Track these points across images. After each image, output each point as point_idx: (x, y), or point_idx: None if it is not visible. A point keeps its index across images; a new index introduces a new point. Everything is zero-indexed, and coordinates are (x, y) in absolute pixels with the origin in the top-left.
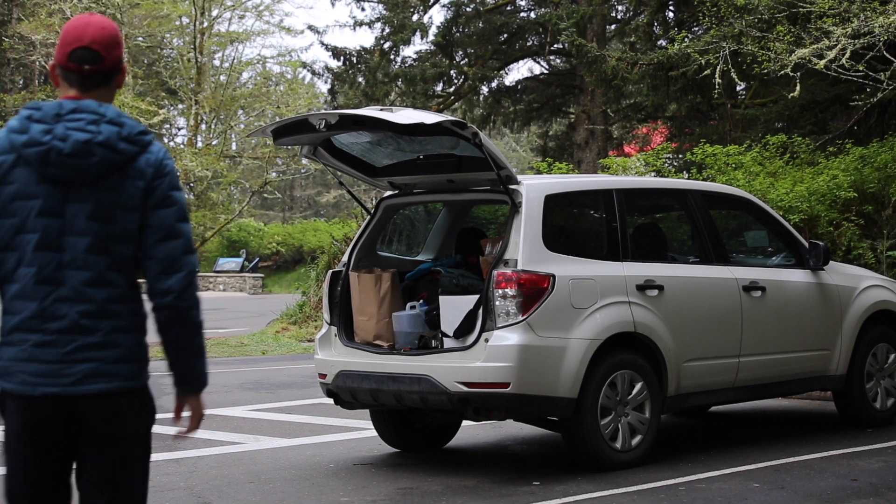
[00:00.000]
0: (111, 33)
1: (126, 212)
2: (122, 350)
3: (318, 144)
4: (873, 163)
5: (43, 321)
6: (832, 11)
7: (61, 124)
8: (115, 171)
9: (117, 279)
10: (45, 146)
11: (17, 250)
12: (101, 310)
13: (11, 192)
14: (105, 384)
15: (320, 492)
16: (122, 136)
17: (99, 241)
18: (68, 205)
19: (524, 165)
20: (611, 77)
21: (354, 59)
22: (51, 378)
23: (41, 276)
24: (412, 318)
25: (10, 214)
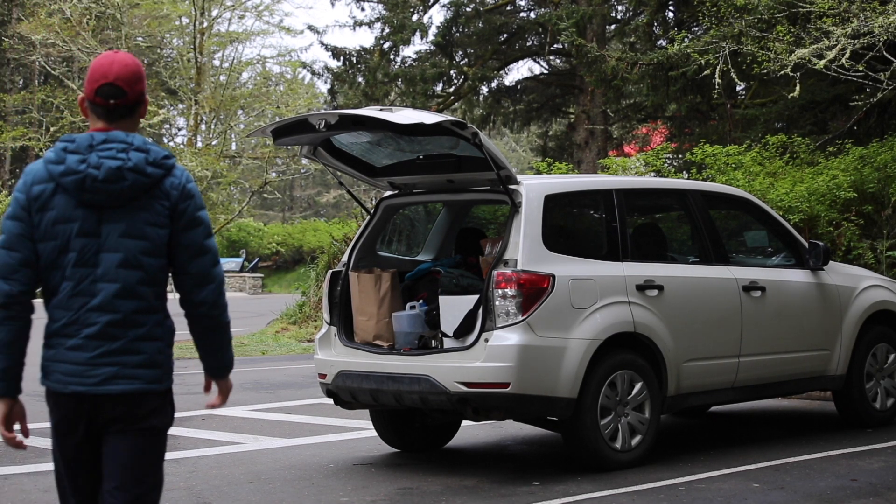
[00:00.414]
0: (134, 70)
1: (155, 229)
2: (145, 356)
3: (318, 144)
4: (873, 163)
5: (77, 328)
6: (832, 11)
7: (94, 154)
8: (144, 193)
9: (146, 292)
10: (80, 174)
11: (60, 268)
12: (126, 320)
13: (53, 217)
14: (126, 385)
15: (320, 492)
16: (149, 161)
17: (131, 257)
18: (103, 225)
19: (524, 165)
20: (611, 77)
21: (354, 59)
22: (78, 378)
23: (77, 289)
24: (412, 318)
25: (53, 237)
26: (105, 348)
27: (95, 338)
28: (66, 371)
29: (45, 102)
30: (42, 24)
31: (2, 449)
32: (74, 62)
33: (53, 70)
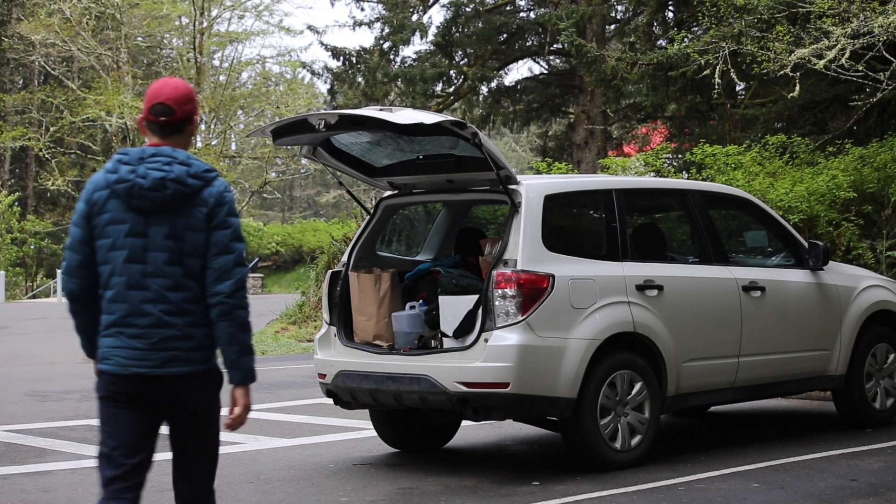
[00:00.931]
0: (183, 92)
1: (195, 232)
2: (196, 341)
3: (318, 144)
4: (873, 163)
5: (135, 318)
6: (832, 11)
7: (143, 165)
8: (185, 201)
9: (191, 285)
10: (129, 182)
11: (111, 263)
12: (178, 309)
13: (106, 220)
14: (182, 367)
15: (320, 492)
16: (190, 173)
17: (174, 256)
18: (149, 227)
19: (524, 165)
20: (610, 77)
21: (354, 59)
22: (140, 361)
23: (131, 283)
24: (412, 318)
25: (106, 236)
26: (163, 334)
27: (154, 326)
28: (128, 356)
29: (45, 102)
30: (42, 23)
31: (2, 449)
32: (74, 62)
33: (53, 70)
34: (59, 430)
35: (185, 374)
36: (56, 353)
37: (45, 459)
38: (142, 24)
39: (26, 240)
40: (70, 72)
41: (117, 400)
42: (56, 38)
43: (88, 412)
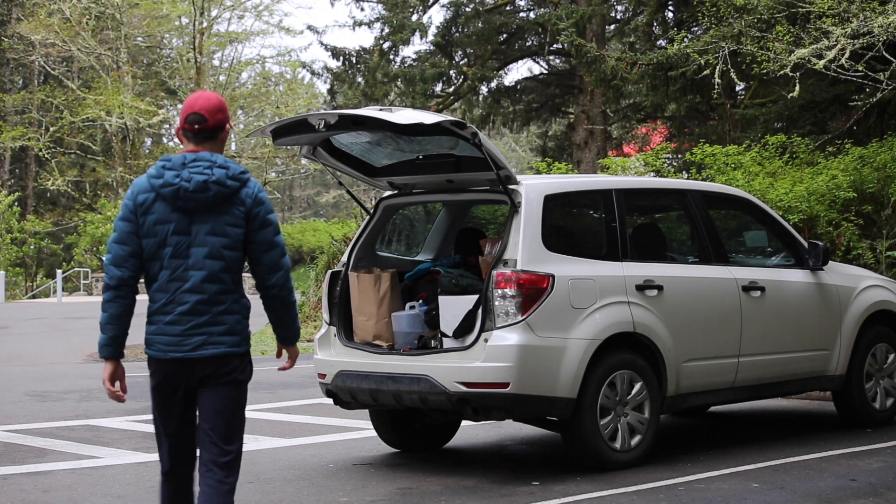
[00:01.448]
0: (215, 103)
1: (233, 228)
2: (226, 326)
3: (318, 144)
4: (872, 163)
5: (173, 306)
6: (831, 11)
7: (186, 170)
8: (225, 201)
9: (226, 278)
10: (175, 186)
11: (159, 259)
12: (211, 299)
13: (153, 220)
14: (213, 350)
15: (319, 492)
16: (229, 175)
17: (214, 250)
18: (193, 225)
19: (523, 165)
20: (610, 77)
21: (354, 59)
22: (176, 346)
23: (173, 276)
24: (411, 318)
25: (153, 235)
26: (195, 321)
27: (187, 314)
28: (165, 342)
29: (45, 102)
30: (41, 23)
31: (2, 449)
32: (74, 62)
33: (53, 70)
34: (59, 430)
35: (215, 357)
36: (56, 353)
37: (45, 459)
38: (142, 23)
39: (26, 240)
40: (70, 72)
41: (159, 385)
42: (56, 38)
43: (88, 412)
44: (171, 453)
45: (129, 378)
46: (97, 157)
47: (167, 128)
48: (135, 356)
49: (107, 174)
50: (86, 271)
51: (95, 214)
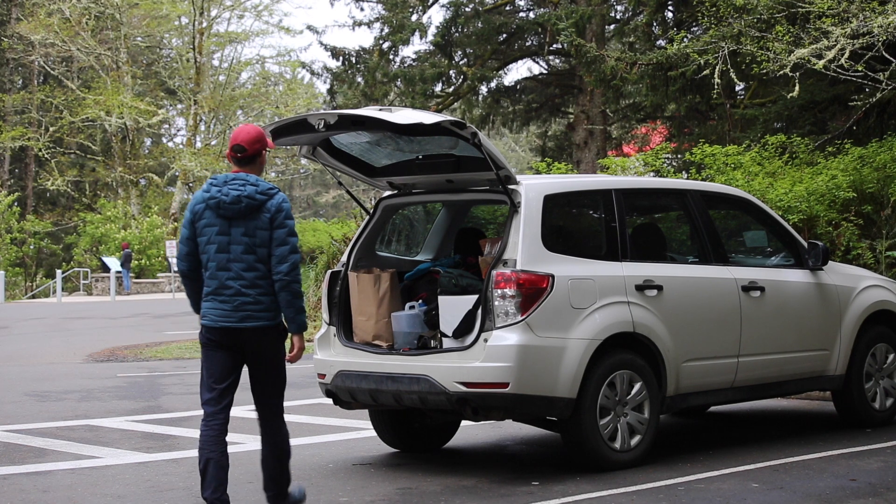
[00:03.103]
0: (254, 135)
1: (262, 230)
2: (263, 305)
3: (317, 144)
4: (872, 163)
5: (222, 290)
6: (831, 11)
7: (227, 187)
8: (255, 210)
9: (260, 267)
10: (217, 199)
11: (207, 254)
12: (251, 284)
13: (204, 224)
14: (254, 323)
15: (319, 492)
16: (258, 191)
17: (248, 247)
18: (232, 228)
19: (523, 165)
20: (610, 77)
21: (353, 59)
22: (226, 318)
23: (220, 267)
24: (411, 318)
25: (204, 235)
26: (240, 301)
27: (234, 296)
28: (218, 314)
29: (45, 102)
30: (41, 23)
31: (1, 449)
32: (74, 62)
33: (53, 70)
34: (59, 430)
35: (255, 328)
36: (56, 353)
37: (45, 459)
38: (141, 23)
39: (26, 240)
40: (70, 72)
41: (211, 345)
42: (56, 38)
43: (88, 412)
44: (209, 399)
45: (129, 378)
46: (97, 157)
47: (167, 128)
48: (135, 356)
49: (106, 174)
50: (85, 271)
51: (95, 214)
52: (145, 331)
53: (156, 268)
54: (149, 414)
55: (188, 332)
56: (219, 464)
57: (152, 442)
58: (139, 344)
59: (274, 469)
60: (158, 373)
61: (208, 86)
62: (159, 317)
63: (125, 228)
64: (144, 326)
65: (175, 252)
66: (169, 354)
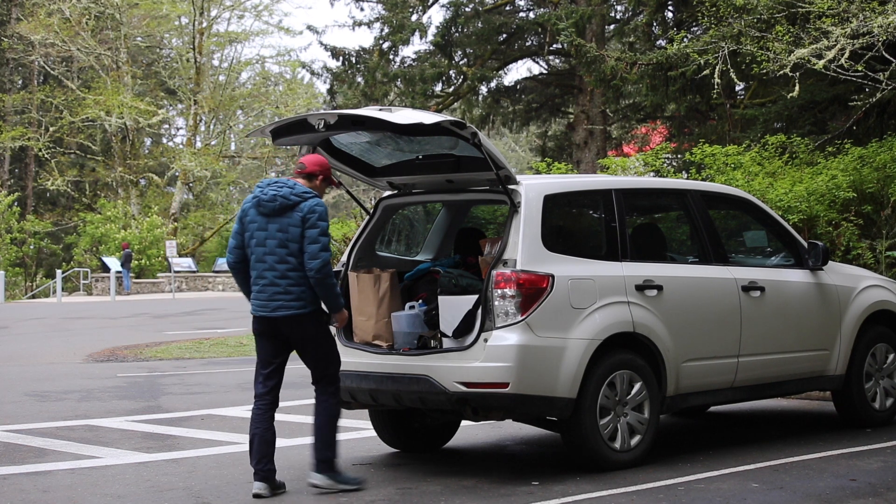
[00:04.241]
0: (315, 159)
1: (294, 227)
2: (293, 295)
3: (318, 144)
4: (872, 163)
5: (259, 280)
6: (831, 11)
7: (268, 188)
8: (288, 209)
9: (291, 261)
10: (259, 197)
11: (249, 247)
12: (282, 275)
13: (249, 219)
14: (286, 312)
15: (320, 491)
16: (292, 192)
17: (282, 242)
18: (269, 224)
19: (523, 165)
20: (610, 77)
21: (353, 59)
22: (263, 308)
23: (257, 259)
24: (411, 318)
25: (248, 230)
26: (272, 291)
27: (268, 286)
28: (257, 304)
29: (45, 102)
30: (41, 23)
31: (2, 449)
32: (74, 62)
33: (53, 70)
34: (59, 430)
35: (288, 316)
36: (56, 353)
37: (45, 459)
38: (141, 23)
39: (26, 240)
40: (69, 72)
41: (256, 333)
42: (55, 38)
43: (88, 412)
44: (258, 382)
45: (129, 378)
46: (97, 157)
47: (167, 128)
48: (135, 356)
49: (106, 174)
50: (85, 271)
51: (95, 214)
52: (145, 331)
53: (156, 268)
54: (149, 414)
55: (188, 332)
56: (263, 438)
57: (152, 442)
58: (139, 344)
59: (321, 437)
60: (158, 373)
61: (208, 86)
62: (159, 317)
63: (125, 228)
64: (144, 326)
65: (175, 251)
66: (169, 354)
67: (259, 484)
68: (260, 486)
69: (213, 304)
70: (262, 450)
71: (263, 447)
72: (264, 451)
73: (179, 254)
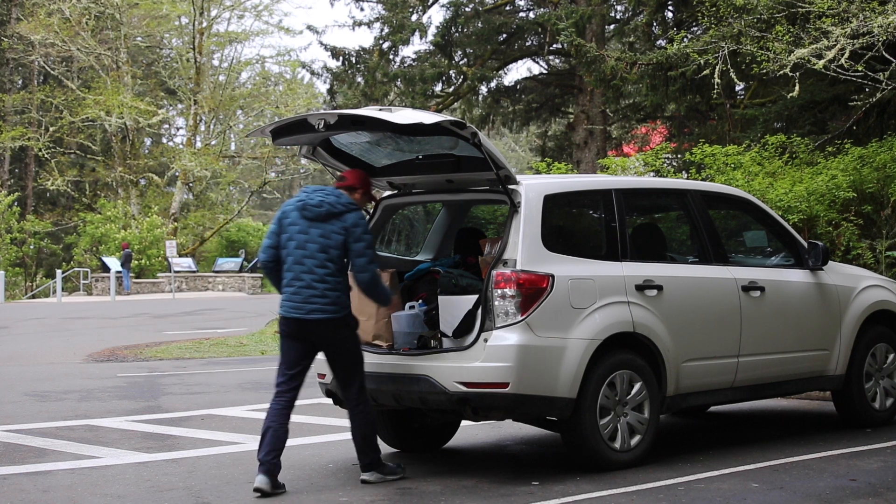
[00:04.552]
0: (358, 173)
1: (336, 234)
2: (329, 299)
3: (317, 144)
4: (872, 163)
5: (295, 282)
6: (831, 11)
7: (315, 194)
8: (333, 217)
9: (330, 265)
10: (304, 202)
11: (287, 248)
12: (320, 279)
13: (288, 222)
14: (320, 315)
15: (319, 492)
16: (339, 202)
17: (323, 247)
18: (311, 228)
19: (523, 165)
20: (610, 77)
21: (353, 59)
22: (296, 310)
23: (295, 261)
24: (411, 318)
25: (286, 232)
26: (308, 294)
27: (304, 288)
28: (290, 306)
29: (45, 102)
30: (41, 23)
31: (2, 449)
32: (74, 62)
33: (53, 70)
34: (59, 430)
35: (321, 320)
36: (56, 353)
37: (45, 459)
38: (141, 23)
39: (26, 240)
40: (70, 72)
41: (284, 334)
42: (55, 38)
43: (88, 412)
44: (281, 382)
45: (129, 378)
46: (97, 157)
47: (167, 128)
48: (135, 356)
49: (106, 174)
50: (85, 271)
51: (95, 214)
52: (145, 331)
53: (156, 268)
54: (149, 414)
55: (188, 332)
56: (276, 433)
57: (152, 442)
58: (139, 344)
59: (363, 442)
60: (158, 373)
61: (208, 86)
62: (159, 317)
63: (125, 228)
64: (144, 326)
65: (175, 251)
66: (169, 354)
67: (261, 478)
68: (262, 479)
69: (213, 304)
70: (272, 443)
71: (274, 441)
72: (274, 445)
73: (179, 254)
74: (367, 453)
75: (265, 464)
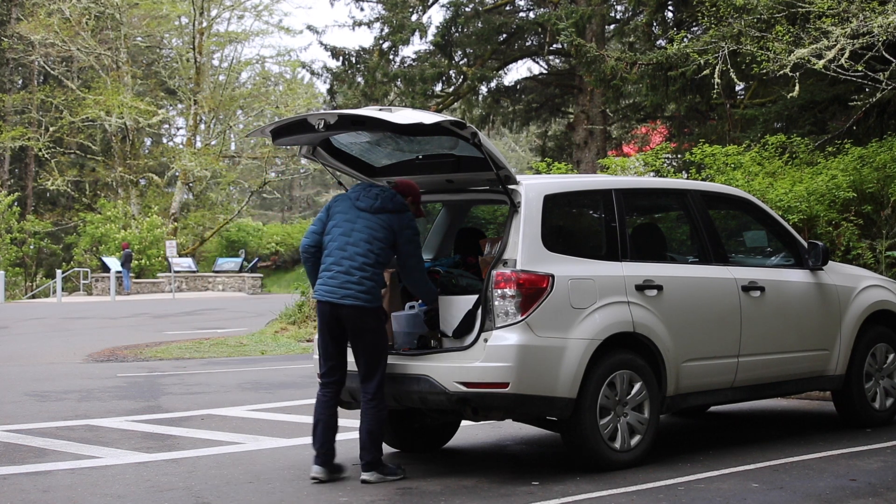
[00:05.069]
0: (409, 184)
1: (381, 228)
2: (364, 287)
3: (317, 144)
4: (872, 163)
5: (335, 266)
6: (831, 11)
7: (370, 188)
8: (383, 212)
9: (372, 256)
10: (359, 193)
11: (331, 234)
12: (359, 266)
13: (337, 210)
14: (353, 302)
15: (319, 492)
16: (391, 199)
17: (369, 237)
18: (359, 218)
19: (523, 165)
20: (610, 77)
21: (353, 59)
22: (330, 294)
23: (338, 246)
24: (411, 318)
25: (333, 219)
26: (345, 279)
27: (342, 273)
28: (325, 290)
29: (45, 102)
30: (41, 23)
31: (2, 449)
32: (74, 62)
33: (53, 70)
34: (59, 430)
35: (353, 306)
36: (56, 353)
37: (45, 459)
38: (141, 23)
39: (26, 240)
40: (69, 72)
41: (320, 322)
42: (55, 38)
43: (88, 412)
44: (322, 373)
45: (129, 378)
46: (97, 157)
47: (167, 128)
48: (135, 356)
49: (106, 174)
50: (85, 271)
51: (95, 214)
52: (145, 331)
53: (156, 268)
54: (149, 414)
55: (188, 332)
56: (326, 425)
57: (152, 442)
58: (139, 344)
59: (367, 439)
60: (158, 373)
61: (208, 86)
62: (159, 317)
63: (125, 228)
64: (144, 326)
65: (175, 251)
66: (169, 354)
67: (317, 468)
68: (318, 469)
69: (213, 304)
70: (325, 435)
71: (326, 433)
72: (327, 436)
73: (179, 254)
74: (369, 451)
75: (320, 455)
